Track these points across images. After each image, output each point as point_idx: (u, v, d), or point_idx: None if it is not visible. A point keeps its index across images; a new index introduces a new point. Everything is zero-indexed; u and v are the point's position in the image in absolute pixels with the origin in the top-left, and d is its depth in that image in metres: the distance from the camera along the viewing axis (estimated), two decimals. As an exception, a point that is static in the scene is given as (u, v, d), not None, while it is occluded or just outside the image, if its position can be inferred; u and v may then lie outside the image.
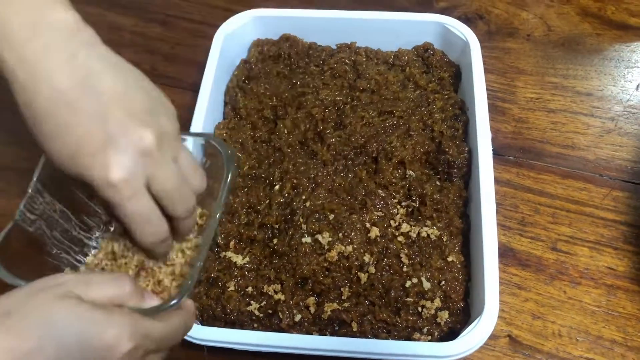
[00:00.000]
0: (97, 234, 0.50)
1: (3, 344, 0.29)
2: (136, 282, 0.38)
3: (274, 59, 0.72)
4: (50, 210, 0.46)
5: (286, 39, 0.73)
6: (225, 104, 0.70)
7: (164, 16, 0.87)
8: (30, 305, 0.31)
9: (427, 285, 0.54)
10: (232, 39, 0.71)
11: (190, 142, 0.48)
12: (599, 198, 0.66)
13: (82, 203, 0.49)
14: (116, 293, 0.35)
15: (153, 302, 0.38)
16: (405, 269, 0.55)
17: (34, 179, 0.45)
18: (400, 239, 0.57)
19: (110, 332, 0.32)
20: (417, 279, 0.54)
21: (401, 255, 0.56)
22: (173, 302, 0.38)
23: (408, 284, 0.54)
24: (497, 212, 0.56)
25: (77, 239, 0.49)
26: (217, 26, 0.72)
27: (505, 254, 0.62)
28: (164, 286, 0.45)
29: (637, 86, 0.75)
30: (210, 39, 0.71)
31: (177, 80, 0.79)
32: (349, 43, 0.73)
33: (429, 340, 0.53)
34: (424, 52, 0.71)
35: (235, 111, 0.68)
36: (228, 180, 0.44)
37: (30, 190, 0.44)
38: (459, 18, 0.72)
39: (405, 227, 0.57)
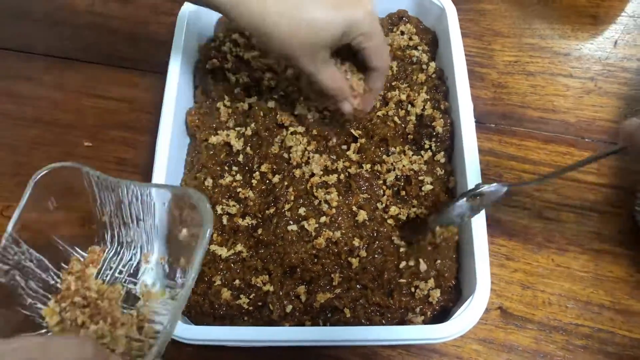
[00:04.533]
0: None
1: None
2: (100, 345, 0.36)
3: (242, 35, 0.69)
4: (26, 259, 0.45)
5: (254, 13, 0.69)
6: (196, 86, 0.67)
7: (122, -7, 0.82)
8: None
9: (423, 266, 0.53)
10: (198, 15, 0.68)
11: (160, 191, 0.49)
12: (582, 162, 0.65)
13: (61, 250, 0.49)
14: (78, 358, 0.33)
15: None
16: (401, 249, 0.54)
17: (9, 229, 0.43)
18: (390, 222, 0.56)
19: None
20: (415, 261, 0.53)
21: (393, 237, 0.55)
22: None
23: (402, 264, 0.53)
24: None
25: (54, 287, 0.48)
26: (179, 1, 0.68)
27: (492, 225, 0.61)
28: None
29: (615, 43, 0.74)
30: (172, 15, 0.67)
31: (142, 62, 0.76)
32: (321, 14, 0.69)
33: (422, 320, 0.52)
34: (398, 20, 0.69)
35: (206, 94, 0.65)
36: (205, 240, 0.43)
37: (4, 241, 0.43)
38: (432, -18, 0.69)
39: (393, 210, 0.56)
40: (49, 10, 0.80)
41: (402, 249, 0.54)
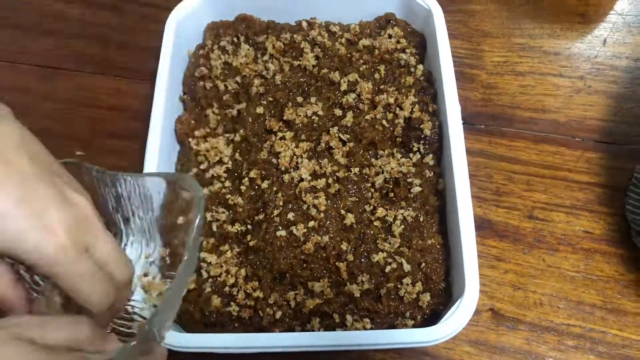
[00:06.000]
0: None
1: None
2: (96, 325, 0.35)
3: (231, 42, 0.69)
4: None
5: (242, 19, 0.70)
6: (185, 93, 0.67)
7: (113, 1, 0.82)
8: None
9: (407, 267, 0.53)
10: (186, 23, 0.68)
11: (154, 179, 0.47)
12: (572, 161, 0.65)
13: None
14: (73, 337, 0.33)
15: (116, 346, 0.36)
16: (384, 254, 0.54)
17: None
18: (376, 223, 0.56)
19: None
20: (397, 264, 0.53)
21: (378, 240, 0.55)
22: (131, 344, 0.35)
23: (388, 269, 0.53)
24: (472, 183, 0.55)
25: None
26: (170, 9, 0.68)
27: (482, 226, 0.62)
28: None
29: (604, 41, 0.74)
30: (161, 23, 0.67)
31: (134, 71, 0.76)
32: (309, 19, 0.70)
33: (413, 325, 0.52)
34: (386, 24, 0.69)
35: (195, 101, 0.65)
36: (196, 227, 0.41)
37: None
38: (419, -16, 0.69)
39: (380, 212, 0.56)
40: (39, 20, 0.81)
41: (384, 254, 0.54)
